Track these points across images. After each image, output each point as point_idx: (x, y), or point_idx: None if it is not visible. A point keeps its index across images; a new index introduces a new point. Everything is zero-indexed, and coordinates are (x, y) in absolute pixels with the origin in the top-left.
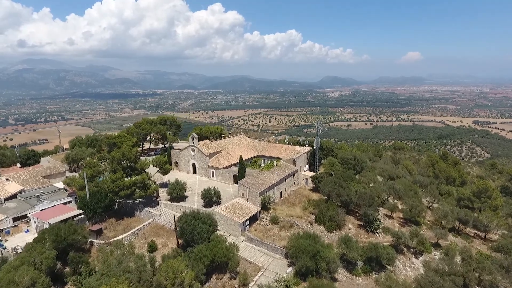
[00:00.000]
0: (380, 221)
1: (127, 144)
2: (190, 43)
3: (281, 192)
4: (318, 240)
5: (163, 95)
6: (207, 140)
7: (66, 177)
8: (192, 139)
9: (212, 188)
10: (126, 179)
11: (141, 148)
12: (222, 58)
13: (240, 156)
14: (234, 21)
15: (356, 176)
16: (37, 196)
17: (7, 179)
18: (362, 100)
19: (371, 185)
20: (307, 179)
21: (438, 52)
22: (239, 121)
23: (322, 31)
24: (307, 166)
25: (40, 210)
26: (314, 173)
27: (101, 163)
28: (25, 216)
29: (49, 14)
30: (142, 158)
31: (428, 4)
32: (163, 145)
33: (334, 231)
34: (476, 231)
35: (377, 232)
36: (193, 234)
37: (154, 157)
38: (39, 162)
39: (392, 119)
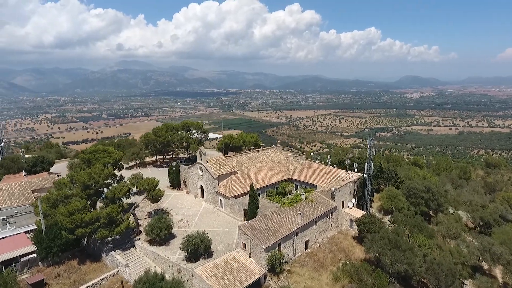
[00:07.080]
0: None
1: (100, 163)
2: (266, 43)
3: (306, 242)
4: None
5: (235, 94)
6: (221, 155)
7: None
8: (200, 154)
9: (198, 235)
10: (92, 211)
11: (162, 158)
12: (296, 58)
13: (251, 185)
14: (311, 21)
15: (431, 214)
16: (3, 219)
17: None
18: (446, 102)
19: (452, 237)
20: (351, 221)
21: None
22: (307, 121)
23: (405, 28)
24: (353, 200)
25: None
26: (363, 212)
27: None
28: None
29: (143, 20)
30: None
31: None
32: (188, 155)
33: None
34: None
35: None
36: None
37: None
38: (49, 169)
39: (483, 124)
